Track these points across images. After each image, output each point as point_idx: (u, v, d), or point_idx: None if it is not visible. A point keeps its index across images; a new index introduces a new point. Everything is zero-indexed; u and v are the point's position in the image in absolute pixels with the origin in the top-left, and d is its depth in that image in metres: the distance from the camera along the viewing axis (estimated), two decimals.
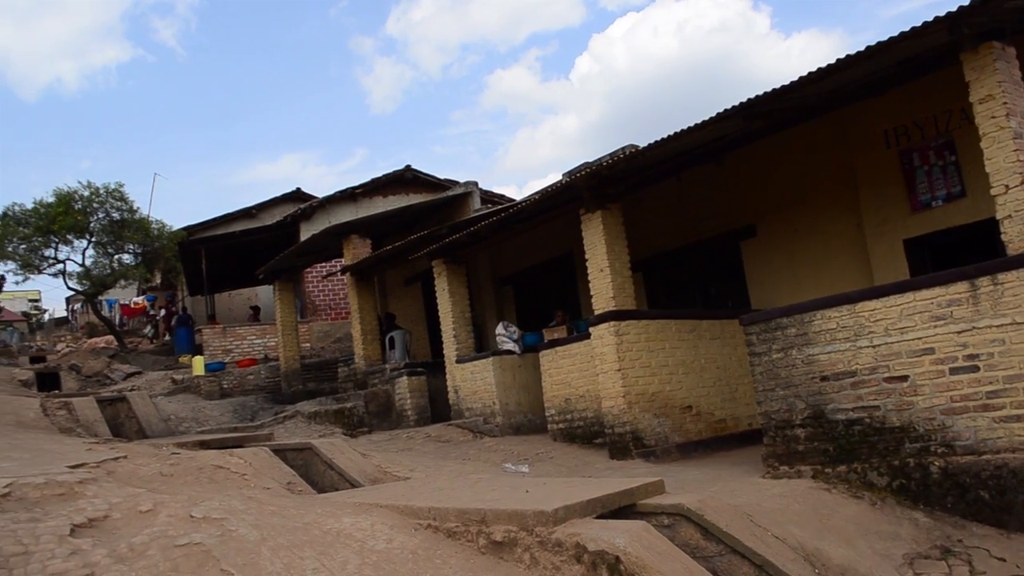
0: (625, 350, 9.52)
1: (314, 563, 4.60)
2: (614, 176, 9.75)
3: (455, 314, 13.42)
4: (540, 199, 11.07)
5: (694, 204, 12.05)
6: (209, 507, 5.38)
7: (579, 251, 10.77)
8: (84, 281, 23.96)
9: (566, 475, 8.63)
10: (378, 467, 8.51)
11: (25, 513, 4.96)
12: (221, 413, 15.46)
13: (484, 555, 5.00)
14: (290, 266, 18.64)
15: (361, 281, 16.38)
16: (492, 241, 13.00)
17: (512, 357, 12.63)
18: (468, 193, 17.64)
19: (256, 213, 24.14)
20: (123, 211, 23.22)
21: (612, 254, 9.85)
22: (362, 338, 16.08)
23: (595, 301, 10.02)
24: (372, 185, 21.45)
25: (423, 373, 14.31)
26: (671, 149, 9.09)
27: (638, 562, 4.43)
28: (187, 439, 10.27)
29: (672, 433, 9.59)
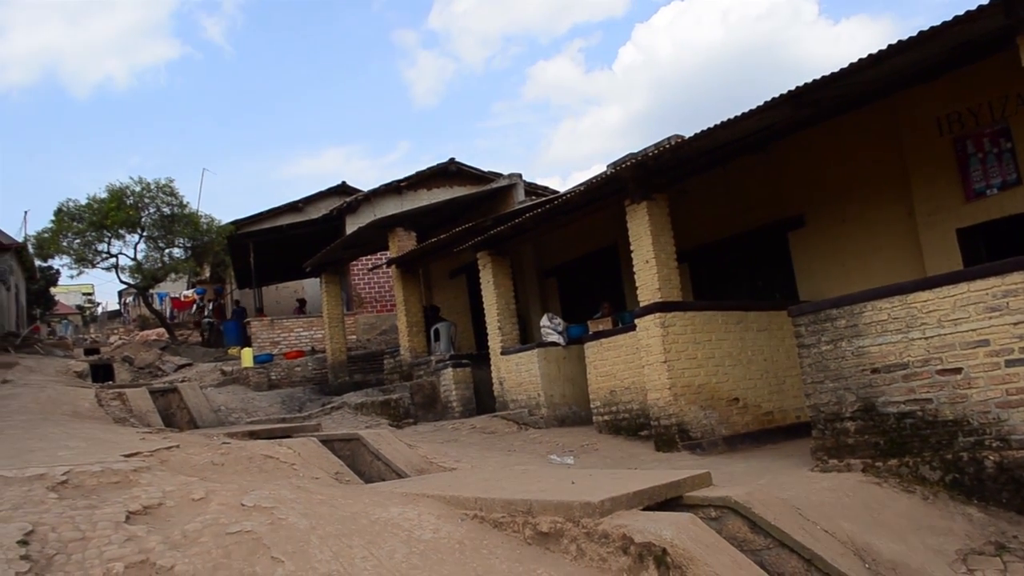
0: (671, 342, 9.46)
1: (362, 552, 4.65)
2: (659, 167, 9.68)
3: (500, 306, 13.45)
4: (585, 190, 11.03)
5: (741, 194, 11.92)
6: (259, 496, 5.47)
7: (624, 242, 10.72)
8: (136, 275, 24.48)
9: (611, 467, 8.61)
10: (424, 458, 8.57)
11: (82, 500, 5.08)
12: (269, 404, 15.69)
13: (530, 546, 5.01)
14: (336, 259, 18.83)
15: (406, 273, 16.49)
16: (536, 233, 13.00)
17: (557, 349, 12.63)
18: (512, 185, 17.64)
19: (302, 207, 24.40)
20: (173, 206, 23.65)
21: (658, 245, 9.78)
22: (407, 330, 16.20)
23: (640, 293, 9.97)
24: (416, 178, 21.56)
25: (468, 365, 14.37)
26: (717, 139, 9.00)
27: (685, 554, 4.40)
28: (237, 429, 10.44)
29: (718, 425, 9.52)
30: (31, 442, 7.20)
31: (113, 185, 23.12)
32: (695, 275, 12.93)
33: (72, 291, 50.71)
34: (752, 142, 9.82)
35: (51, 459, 6.08)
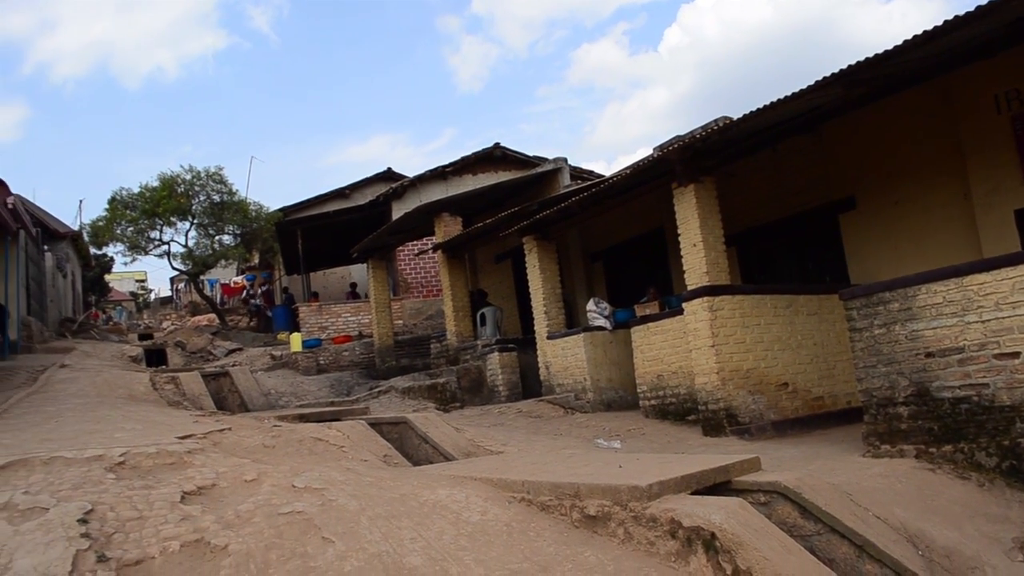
0: (719, 326, 9.37)
1: (411, 533, 4.70)
2: (707, 148, 9.57)
3: (546, 290, 13.45)
4: (631, 173, 10.95)
5: (790, 176, 11.75)
6: (310, 477, 5.55)
7: (671, 226, 10.63)
8: (187, 261, 24.93)
9: (658, 451, 8.58)
10: (471, 441, 8.62)
11: (139, 480, 5.21)
12: (318, 388, 15.90)
13: (578, 529, 5.02)
14: (383, 245, 18.96)
15: (452, 258, 16.56)
16: (582, 217, 12.95)
17: (603, 333, 12.60)
18: (558, 169, 17.57)
19: (349, 193, 24.58)
20: (223, 193, 24.03)
21: (705, 228, 9.69)
22: (454, 315, 16.27)
23: (688, 276, 9.88)
24: (461, 163, 21.58)
25: (514, 349, 14.40)
26: (766, 120, 8.86)
27: (734, 539, 4.37)
28: (287, 412, 10.60)
29: (767, 410, 9.42)
30: (89, 424, 7.38)
31: (164, 174, 23.57)
32: (743, 259, 12.79)
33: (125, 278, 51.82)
34: (802, 123, 9.65)
35: (108, 441, 6.24)
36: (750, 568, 4.26)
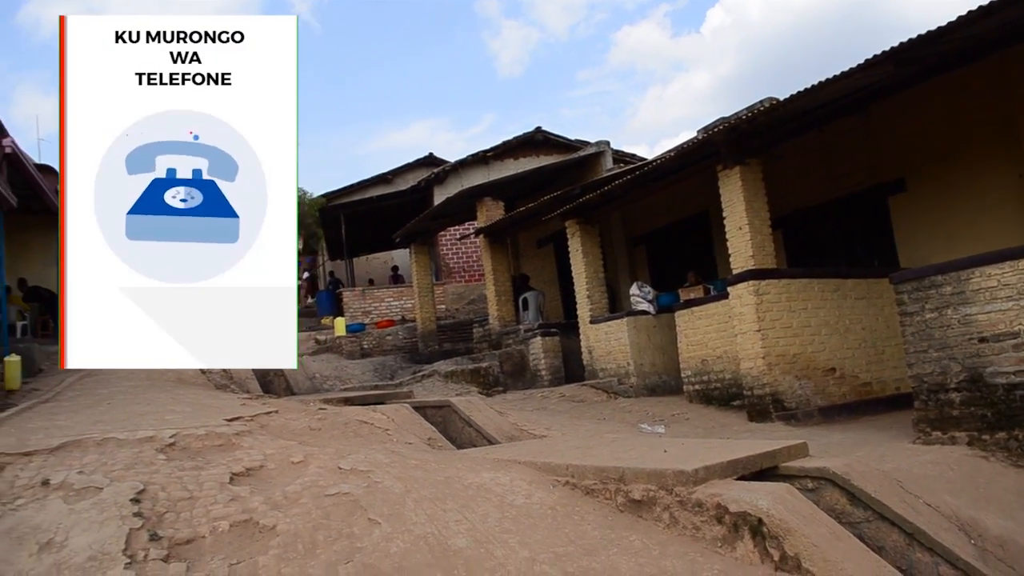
0: (765, 310, 9.26)
1: (456, 515, 4.72)
2: (753, 130, 9.43)
3: (588, 275, 13.39)
4: (676, 156, 10.84)
5: (838, 158, 11.53)
6: (356, 460, 5.60)
7: (715, 209, 10.52)
8: None
9: (703, 436, 8.52)
10: (514, 425, 8.64)
11: (189, 461, 5.30)
12: (362, 372, 16.04)
13: (622, 513, 5.01)
14: (425, 229, 19.03)
15: (494, 243, 16.56)
16: (625, 200, 12.86)
17: (646, 318, 12.52)
18: (600, 153, 17.45)
19: (391, 178, 24.67)
20: None
21: (751, 211, 9.56)
22: (496, 299, 16.29)
23: (733, 260, 9.77)
24: (503, 148, 21.53)
25: (556, 334, 14.38)
26: (814, 100, 8.70)
27: (782, 524, 4.33)
28: (332, 396, 10.70)
29: (814, 396, 9.30)
30: (140, 407, 7.53)
31: None
32: (789, 242, 12.60)
33: None
34: (850, 103, 9.47)
35: (159, 423, 6.35)
36: (798, 554, 4.21)
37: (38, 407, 7.51)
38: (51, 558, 3.90)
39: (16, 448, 5.24)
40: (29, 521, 4.21)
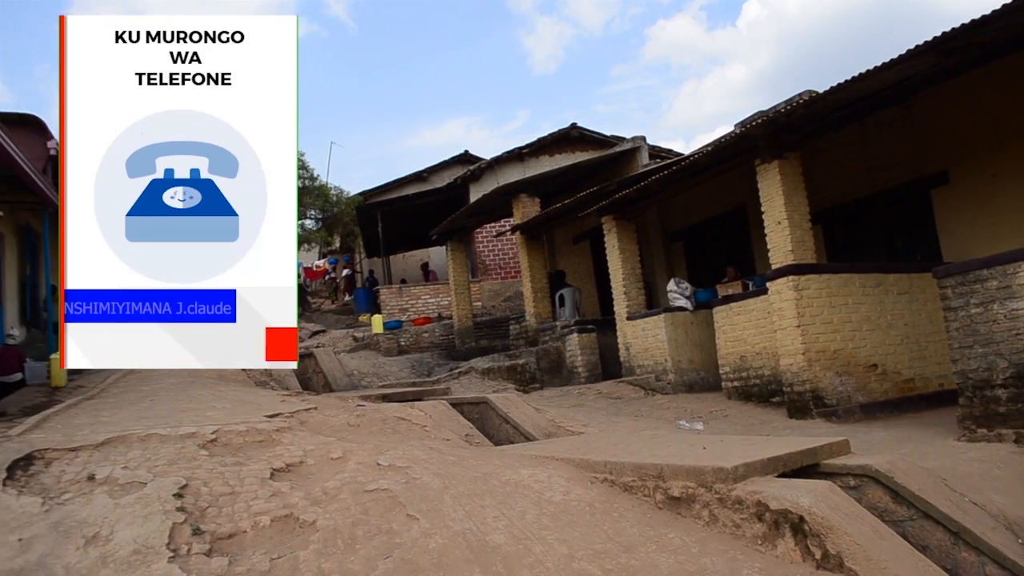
0: (805, 306, 9.16)
1: (494, 512, 4.73)
2: (792, 124, 9.32)
3: (625, 271, 13.34)
4: (713, 151, 10.75)
5: (878, 150, 11.35)
6: (394, 456, 5.63)
7: (753, 204, 10.41)
8: None
9: (742, 433, 8.45)
10: (552, 421, 8.63)
11: (230, 457, 5.36)
12: (400, 369, 16.12)
13: (661, 510, 4.98)
14: (461, 227, 19.07)
15: (531, 240, 16.56)
16: (662, 196, 12.78)
17: (684, 314, 12.44)
18: (636, 148, 17.36)
19: (427, 176, 24.77)
20: (304, 179, 24.44)
21: (790, 206, 9.46)
22: (532, 296, 16.29)
23: (772, 255, 9.67)
24: (538, 144, 21.51)
25: (593, 330, 14.34)
26: (854, 92, 8.58)
27: (824, 523, 4.27)
28: (370, 392, 10.78)
29: (855, 392, 9.17)
30: (182, 403, 7.64)
31: None
32: (829, 237, 12.44)
33: None
34: (891, 95, 9.31)
35: (201, 419, 6.44)
36: (840, 553, 4.16)
37: (83, 404, 7.65)
38: (97, 551, 3.97)
39: (63, 444, 5.34)
40: (76, 515, 4.29)
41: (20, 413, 7.27)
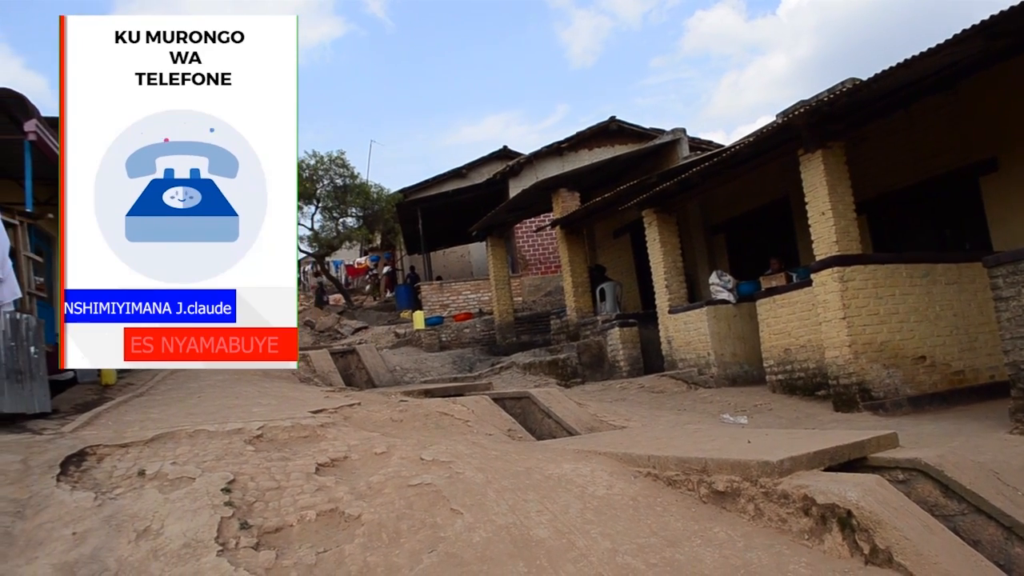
0: (850, 297, 9.02)
1: (537, 506, 4.73)
2: (835, 112, 9.17)
3: (666, 264, 13.25)
4: (755, 141, 10.63)
5: (925, 138, 11.12)
6: (437, 451, 5.66)
7: (796, 194, 10.28)
8: (314, 244, 25.74)
9: (787, 427, 8.35)
10: (594, 416, 8.61)
11: (276, 452, 5.43)
12: (441, 364, 16.20)
13: (705, 504, 4.94)
14: (501, 222, 19.09)
15: (571, 234, 16.52)
16: (703, 188, 12.68)
17: (727, 307, 12.33)
18: (676, 140, 17.22)
19: (466, 173, 24.83)
20: (345, 177, 24.63)
21: (834, 196, 9.32)
22: (573, 290, 16.26)
23: (816, 246, 9.54)
24: (577, 139, 21.44)
25: (635, 324, 14.27)
26: (899, 79, 8.42)
27: (872, 517, 4.21)
28: (412, 388, 10.85)
29: (903, 385, 9.02)
30: (228, 400, 7.75)
31: None
32: (874, 227, 12.23)
33: None
34: (937, 81, 9.12)
35: (247, 415, 6.54)
36: (889, 548, 4.09)
37: (133, 401, 7.79)
38: (148, 545, 4.04)
39: (114, 440, 5.45)
40: (127, 509, 4.38)
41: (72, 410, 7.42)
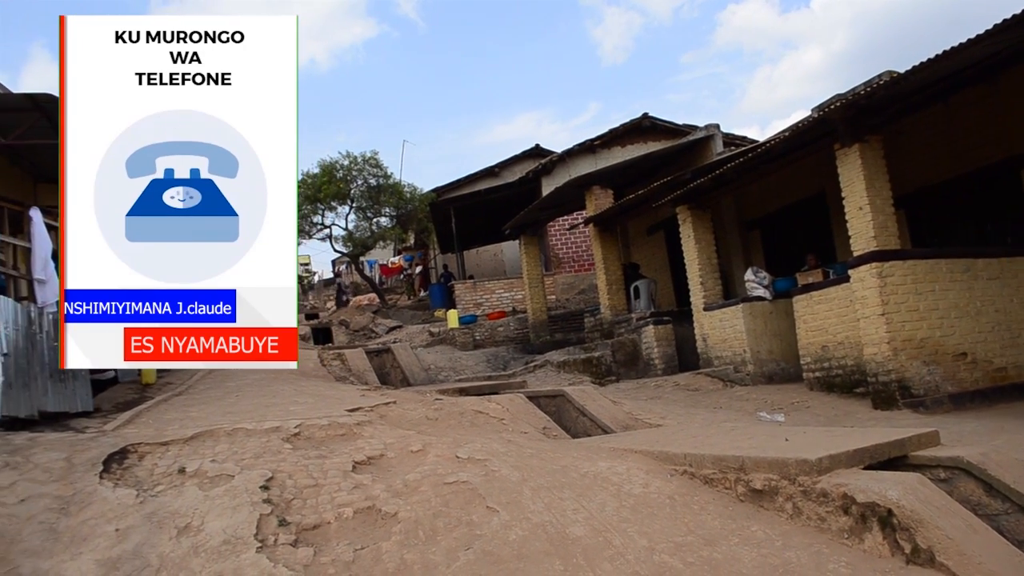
0: (889, 293, 8.90)
1: (573, 504, 4.72)
2: (872, 106, 9.05)
3: (701, 261, 13.17)
4: (790, 136, 10.51)
5: (964, 131, 10.92)
6: (472, 449, 5.67)
7: (833, 189, 10.16)
8: (348, 243, 25.91)
9: (825, 425, 8.26)
10: (629, 414, 8.58)
11: (313, 450, 5.48)
12: (475, 363, 16.23)
13: (743, 503, 4.91)
14: (534, 220, 19.08)
15: (604, 232, 16.48)
16: (737, 184, 12.58)
17: (762, 304, 12.21)
18: (710, 136, 17.08)
19: (498, 171, 24.83)
20: (379, 177, 24.75)
21: (872, 191, 9.19)
22: (607, 288, 16.22)
23: (854, 242, 9.42)
24: (610, 136, 21.33)
25: (669, 322, 14.20)
26: (938, 71, 8.28)
27: (913, 516, 4.15)
28: (447, 386, 10.87)
29: (944, 382, 8.88)
30: (266, 398, 7.83)
31: (324, 160, 24.53)
32: (913, 222, 12.04)
33: None
34: (977, 73, 8.95)
35: (284, 413, 6.60)
36: (931, 547, 4.04)
37: (172, 399, 7.90)
38: (189, 541, 4.10)
39: (154, 438, 5.54)
40: (168, 506, 4.44)
41: (113, 409, 7.54)
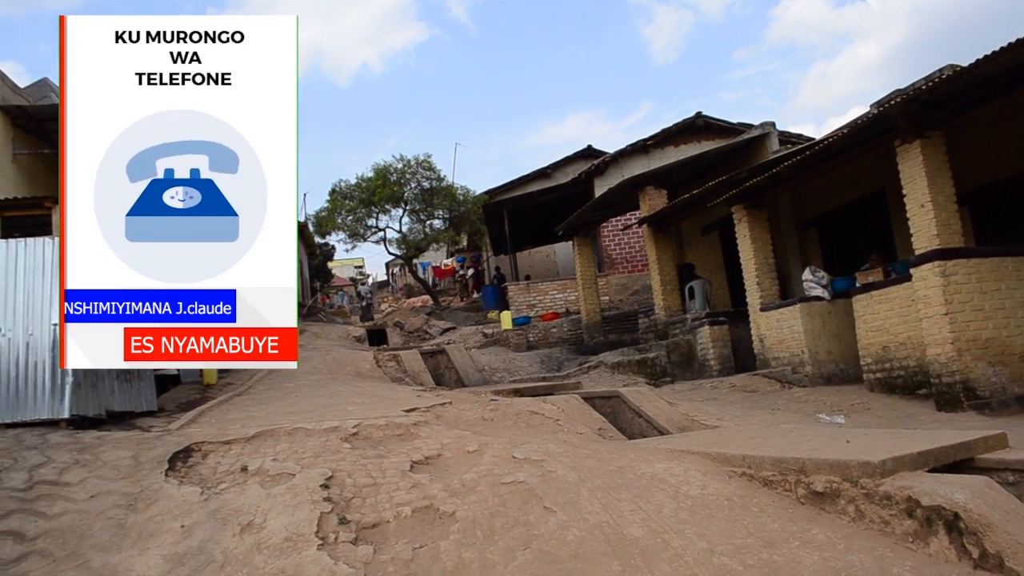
0: (953, 292, 8.69)
1: (630, 505, 4.71)
2: (934, 100, 8.84)
3: (758, 260, 13.01)
4: (848, 133, 10.33)
5: None
6: (529, 449, 5.69)
7: (893, 187, 9.95)
8: (402, 246, 26.16)
9: (887, 427, 8.09)
10: (685, 415, 8.51)
11: (371, 450, 5.55)
12: (529, 364, 16.25)
13: (803, 505, 4.84)
14: (587, 221, 19.03)
15: (658, 232, 16.37)
16: (794, 183, 12.39)
17: (821, 303, 12.01)
18: (765, 135, 16.88)
19: (550, 173, 24.85)
20: (432, 180, 24.95)
21: (934, 187, 8.99)
22: (661, 288, 16.11)
23: (915, 240, 9.22)
24: (662, 136, 21.23)
25: (725, 322, 14.05)
26: (1002, 64, 8.06)
27: (981, 520, 4.05)
28: (501, 387, 10.91)
29: (1010, 384, 8.64)
30: (323, 399, 7.95)
31: (378, 164, 24.83)
32: (976, 219, 11.72)
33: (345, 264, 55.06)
34: None
35: (342, 413, 6.69)
36: (1000, 552, 3.94)
37: (233, 399, 8.07)
38: (251, 538, 4.18)
39: (217, 437, 5.66)
40: (231, 504, 4.54)
41: (177, 409, 7.73)
